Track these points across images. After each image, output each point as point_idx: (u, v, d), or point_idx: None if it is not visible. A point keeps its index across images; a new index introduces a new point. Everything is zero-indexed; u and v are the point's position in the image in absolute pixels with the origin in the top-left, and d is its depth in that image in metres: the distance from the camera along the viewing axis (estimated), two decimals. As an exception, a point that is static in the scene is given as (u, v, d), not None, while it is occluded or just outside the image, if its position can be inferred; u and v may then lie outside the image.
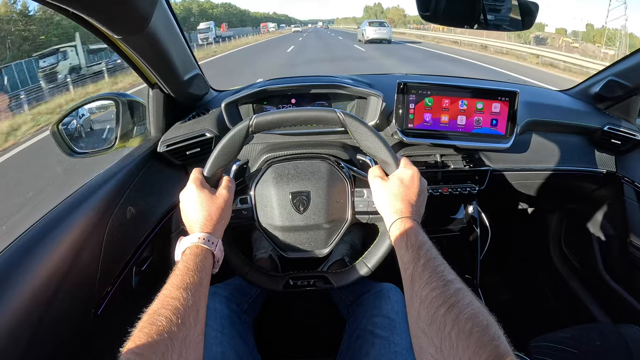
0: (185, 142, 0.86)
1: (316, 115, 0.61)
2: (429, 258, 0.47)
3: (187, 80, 0.86)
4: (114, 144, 0.88)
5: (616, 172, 1.04)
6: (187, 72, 0.86)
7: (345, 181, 0.65)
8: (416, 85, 0.87)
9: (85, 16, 0.54)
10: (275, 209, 0.64)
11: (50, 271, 0.56)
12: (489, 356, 0.34)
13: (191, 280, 0.46)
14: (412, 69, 8.69)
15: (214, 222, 0.55)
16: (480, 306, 0.40)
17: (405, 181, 0.57)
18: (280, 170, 0.66)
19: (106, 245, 0.67)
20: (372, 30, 17.40)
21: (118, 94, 0.91)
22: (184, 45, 0.81)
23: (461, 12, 0.85)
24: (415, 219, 0.54)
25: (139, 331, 0.39)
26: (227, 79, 7.94)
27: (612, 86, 1.03)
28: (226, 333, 0.68)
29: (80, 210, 0.65)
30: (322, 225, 0.64)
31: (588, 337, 0.85)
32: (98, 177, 0.74)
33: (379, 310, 0.71)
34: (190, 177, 0.59)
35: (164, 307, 0.42)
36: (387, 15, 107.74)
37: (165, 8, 0.68)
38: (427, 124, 0.89)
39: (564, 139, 1.02)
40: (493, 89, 0.88)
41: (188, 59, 0.85)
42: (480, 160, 0.97)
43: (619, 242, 1.08)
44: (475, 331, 0.36)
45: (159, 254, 0.86)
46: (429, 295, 0.42)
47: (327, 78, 0.97)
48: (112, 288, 0.70)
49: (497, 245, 1.05)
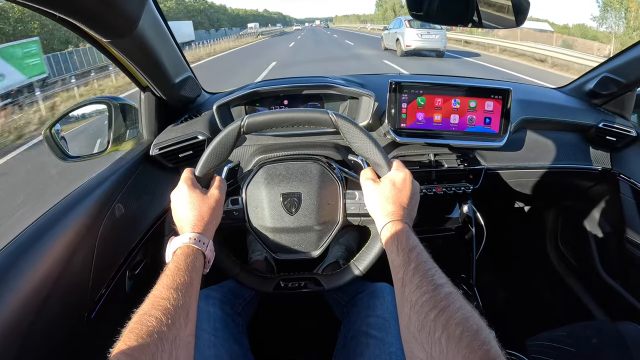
0: (178, 144, 0.85)
1: (308, 116, 0.60)
2: (420, 262, 0.47)
3: (178, 83, 0.86)
4: (106, 148, 0.88)
5: (612, 169, 1.04)
6: (178, 75, 0.85)
7: (336, 183, 0.65)
8: (408, 85, 0.86)
9: (72, 20, 0.54)
10: (265, 210, 0.64)
11: (43, 275, 0.56)
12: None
13: (182, 281, 0.46)
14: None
15: (205, 222, 0.55)
16: (471, 310, 0.40)
17: (397, 184, 0.57)
18: (271, 171, 0.65)
19: (99, 249, 0.67)
20: (415, 35, 10.16)
21: (111, 97, 0.90)
22: (175, 47, 0.81)
23: (455, 10, 0.85)
24: (407, 222, 0.54)
25: (128, 332, 0.39)
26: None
27: (606, 83, 1.02)
28: (219, 336, 0.68)
29: (72, 213, 0.65)
30: (313, 227, 0.64)
31: (585, 335, 0.84)
32: (90, 180, 0.74)
33: (373, 311, 0.70)
34: (182, 176, 0.58)
35: (154, 308, 0.42)
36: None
37: (153, 10, 0.68)
38: (419, 123, 0.89)
39: (558, 136, 1.02)
40: (486, 87, 0.88)
41: (179, 61, 0.85)
42: (475, 159, 0.97)
43: (616, 239, 1.08)
44: (466, 336, 0.36)
45: (152, 257, 0.86)
46: (419, 300, 0.42)
47: (319, 79, 0.97)
48: (105, 292, 0.70)
49: (493, 244, 1.05)
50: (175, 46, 0.81)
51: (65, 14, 0.51)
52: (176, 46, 0.81)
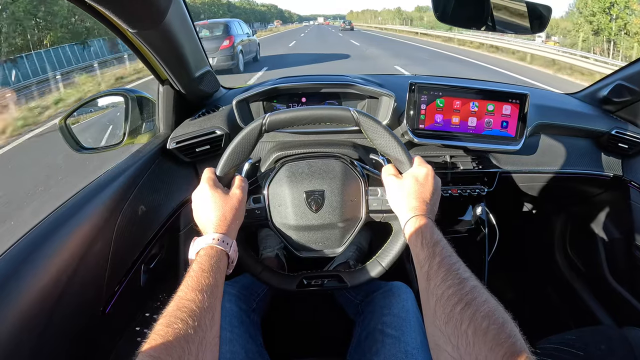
0: (195, 139, 0.85)
1: (330, 114, 0.60)
2: (444, 256, 0.47)
3: (198, 77, 0.85)
4: (122, 140, 0.87)
5: (623, 176, 1.04)
6: (199, 69, 0.85)
7: (359, 180, 0.65)
8: (428, 86, 0.87)
9: (103, 9, 0.53)
10: (289, 208, 0.63)
11: (60, 268, 0.56)
12: (505, 353, 0.35)
13: (206, 282, 0.46)
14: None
15: (228, 222, 0.54)
16: (496, 304, 0.40)
17: (420, 179, 0.57)
18: (294, 169, 0.65)
19: (115, 243, 0.66)
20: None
21: (127, 89, 0.90)
22: (197, 41, 0.81)
23: (469, 13, 0.85)
24: (430, 216, 0.55)
25: (155, 333, 0.39)
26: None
27: (620, 90, 1.03)
28: (235, 332, 0.68)
29: (89, 206, 0.64)
30: (336, 224, 0.64)
31: (593, 340, 0.85)
32: (107, 173, 0.73)
33: (389, 310, 0.70)
34: (203, 176, 0.58)
35: (180, 309, 0.42)
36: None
37: (180, 3, 0.68)
38: (438, 124, 0.89)
39: (571, 141, 1.03)
40: (504, 91, 0.89)
41: (200, 55, 0.85)
42: (490, 162, 0.97)
43: (624, 245, 1.09)
44: (492, 329, 0.37)
45: (167, 251, 0.85)
46: (445, 293, 0.42)
47: (338, 77, 0.96)
48: (121, 286, 0.69)
49: (503, 246, 1.06)
50: (197, 40, 0.80)
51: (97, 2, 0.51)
52: (198, 40, 0.81)
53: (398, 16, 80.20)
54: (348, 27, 35.44)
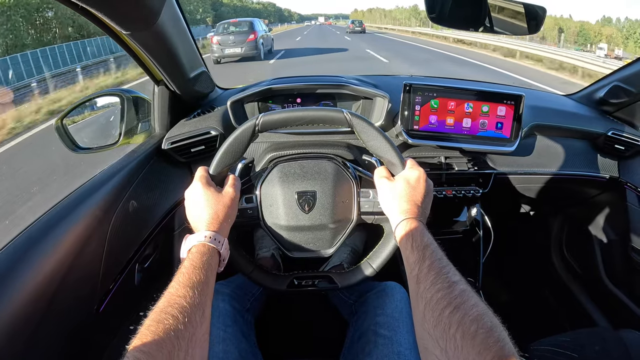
0: (190, 139, 0.85)
1: (323, 115, 0.61)
2: (435, 259, 0.47)
3: (193, 78, 0.85)
4: (118, 140, 0.88)
5: (619, 178, 1.04)
6: (193, 70, 0.85)
7: (351, 181, 0.65)
8: (422, 87, 0.87)
9: (95, 11, 0.53)
10: (280, 208, 0.64)
11: (54, 267, 0.56)
12: (494, 357, 0.35)
13: (197, 279, 0.46)
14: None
15: (220, 220, 0.55)
16: (485, 308, 0.40)
17: (412, 182, 0.57)
18: (286, 169, 0.65)
19: (109, 242, 0.67)
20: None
21: (123, 90, 0.90)
22: (191, 42, 0.81)
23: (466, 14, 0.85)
24: (421, 220, 0.55)
25: (145, 329, 0.39)
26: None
27: (616, 91, 1.03)
28: (229, 331, 0.68)
29: (84, 206, 0.65)
30: (327, 225, 0.64)
31: (588, 342, 0.85)
32: (102, 173, 0.74)
33: (382, 310, 0.71)
34: (196, 175, 0.58)
35: (171, 305, 0.42)
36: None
37: (173, 4, 0.68)
38: (432, 125, 0.89)
39: (567, 143, 1.02)
40: (499, 92, 0.88)
41: (194, 56, 0.85)
42: (485, 163, 0.97)
43: (621, 247, 1.08)
44: (480, 333, 0.37)
45: (161, 251, 0.86)
46: (434, 296, 0.42)
47: (333, 78, 0.97)
48: (115, 285, 0.70)
49: (499, 248, 1.06)
50: (191, 40, 0.81)
51: (89, 4, 0.51)
52: (192, 41, 0.81)
53: (415, 15, 72.07)
54: (358, 29, 25.49)
